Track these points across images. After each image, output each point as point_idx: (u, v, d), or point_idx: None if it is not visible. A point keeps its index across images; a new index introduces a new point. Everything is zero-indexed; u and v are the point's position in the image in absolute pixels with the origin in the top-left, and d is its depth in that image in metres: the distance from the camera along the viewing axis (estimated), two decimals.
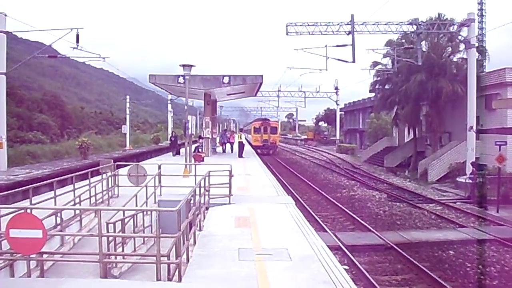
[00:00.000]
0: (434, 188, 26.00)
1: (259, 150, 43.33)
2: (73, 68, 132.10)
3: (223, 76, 25.92)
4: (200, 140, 29.49)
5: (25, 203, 8.67)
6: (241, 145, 31.49)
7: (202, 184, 10.61)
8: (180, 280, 6.49)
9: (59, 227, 8.39)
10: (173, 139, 33.97)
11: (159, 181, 12.90)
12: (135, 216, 8.42)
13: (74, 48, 24.33)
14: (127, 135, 49.13)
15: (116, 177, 13.48)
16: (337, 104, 64.22)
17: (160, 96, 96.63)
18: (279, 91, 66.66)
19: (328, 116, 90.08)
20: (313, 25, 27.09)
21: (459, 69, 29.89)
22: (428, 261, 12.53)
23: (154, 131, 74.63)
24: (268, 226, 10.05)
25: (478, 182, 20.89)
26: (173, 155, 30.98)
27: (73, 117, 63.20)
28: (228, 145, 35.26)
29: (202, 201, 10.44)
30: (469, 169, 23.62)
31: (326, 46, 29.20)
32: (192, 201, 8.73)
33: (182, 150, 30.46)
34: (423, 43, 30.67)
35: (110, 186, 12.67)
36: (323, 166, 39.64)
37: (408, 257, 12.37)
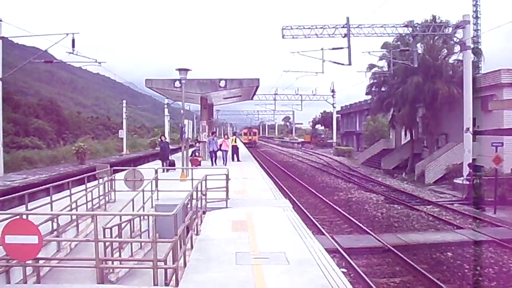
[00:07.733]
0: (432, 190, 26.01)
1: (247, 145, 62.15)
2: (70, 73, 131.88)
3: (220, 80, 25.92)
4: (197, 144, 29.35)
5: (21, 209, 8.63)
6: (234, 148, 29.59)
7: (199, 188, 10.58)
8: (177, 284, 6.47)
9: (55, 232, 8.34)
10: (162, 145, 24.42)
11: (156, 186, 12.85)
12: (132, 221, 8.38)
13: (70, 53, 24.44)
14: (124, 140, 49.19)
15: (113, 182, 13.44)
16: (334, 107, 64.15)
17: (156, 101, 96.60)
18: (275, 94, 66.69)
19: (325, 119, 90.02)
20: (309, 28, 27.02)
21: (455, 71, 29.96)
22: (426, 263, 12.53)
23: (151, 135, 74.68)
24: (266, 230, 10.03)
25: (475, 184, 20.92)
26: (165, 170, 19.76)
27: (69, 122, 62.92)
28: (219, 153, 27.04)
29: (199, 205, 10.41)
30: (466, 170, 23.63)
31: (322, 49, 29.41)
32: (189, 205, 8.71)
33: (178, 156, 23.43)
34: (418, 45, 30.72)
35: (106, 191, 12.62)
36: (320, 169, 39.65)
37: (406, 259, 12.36)
